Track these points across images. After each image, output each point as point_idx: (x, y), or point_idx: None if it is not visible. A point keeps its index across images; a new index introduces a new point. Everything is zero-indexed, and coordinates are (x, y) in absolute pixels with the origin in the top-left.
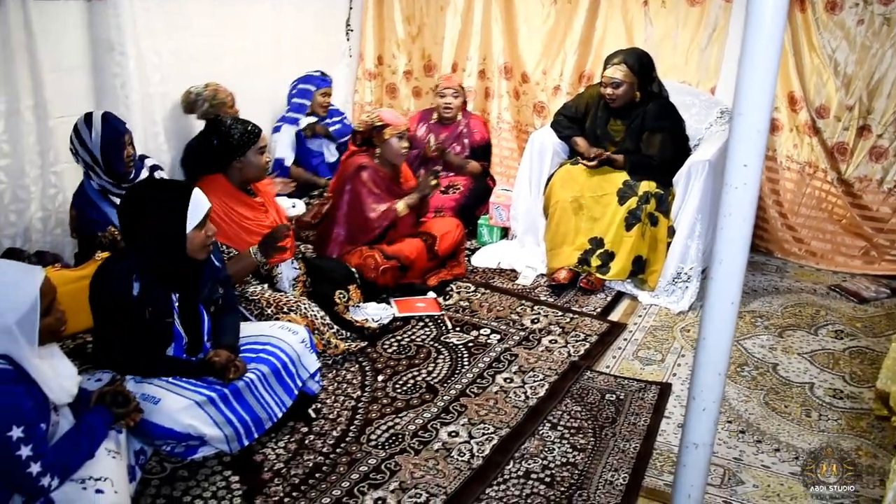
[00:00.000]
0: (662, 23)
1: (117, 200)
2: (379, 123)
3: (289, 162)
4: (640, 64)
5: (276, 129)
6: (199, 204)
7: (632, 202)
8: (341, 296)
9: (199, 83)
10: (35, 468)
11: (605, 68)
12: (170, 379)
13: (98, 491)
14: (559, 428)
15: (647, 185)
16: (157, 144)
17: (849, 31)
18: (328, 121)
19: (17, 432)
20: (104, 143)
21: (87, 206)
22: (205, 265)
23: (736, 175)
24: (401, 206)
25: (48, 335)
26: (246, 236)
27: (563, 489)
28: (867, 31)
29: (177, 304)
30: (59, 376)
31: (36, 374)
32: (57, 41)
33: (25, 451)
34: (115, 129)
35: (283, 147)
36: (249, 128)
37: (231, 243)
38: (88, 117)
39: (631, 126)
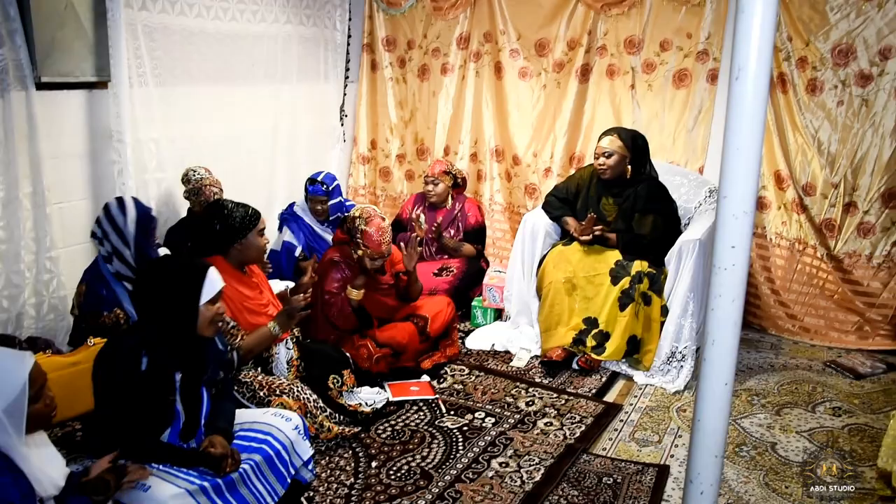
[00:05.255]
0: (649, 105)
1: (129, 286)
2: (359, 236)
3: (298, 252)
4: (633, 140)
5: (286, 220)
6: (214, 280)
7: (625, 282)
8: (335, 380)
9: (198, 165)
10: None
11: (598, 141)
12: (161, 465)
13: None
14: None
15: (639, 265)
16: None
17: (830, 112)
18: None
19: None
20: (139, 227)
21: (99, 282)
22: (210, 345)
23: (724, 256)
24: (350, 293)
25: (37, 423)
26: (248, 316)
27: None
28: (847, 111)
29: (179, 383)
30: (46, 466)
31: (23, 465)
32: (58, 130)
33: None
34: (147, 213)
35: (290, 234)
36: (250, 211)
37: (236, 322)
38: (121, 202)
39: (623, 206)
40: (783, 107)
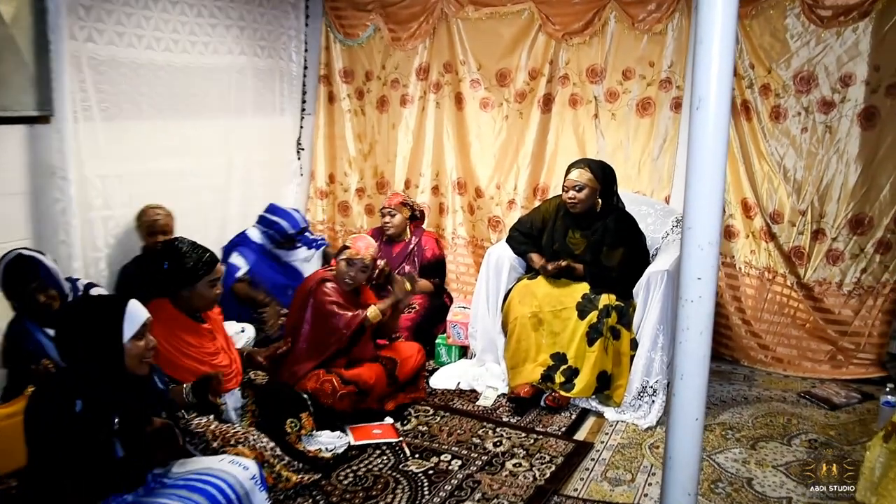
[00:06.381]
0: (613, 135)
1: (52, 333)
2: (349, 243)
3: (240, 273)
4: (602, 171)
5: (237, 246)
6: (135, 313)
7: (592, 316)
8: (293, 425)
9: (151, 202)
10: None
11: (567, 173)
12: None
13: None
14: None
15: (606, 298)
16: (98, 270)
17: (794, 139)
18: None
19: None
20: (6, 289)
21: (22, 335)
22: (146, 383)
23: (690, 288)
24: (371, 311)
25: None
26: (186, 362)
27: None
28: (811, 138)
29: (117, 425)
30: None
31: None
32: None
33: None
34: (18, 279)
35: (237, 256)
36: (205, 258)
37: (172, 372)
38: (4, 257)
39: (591, 239)
40: (748, 134)
